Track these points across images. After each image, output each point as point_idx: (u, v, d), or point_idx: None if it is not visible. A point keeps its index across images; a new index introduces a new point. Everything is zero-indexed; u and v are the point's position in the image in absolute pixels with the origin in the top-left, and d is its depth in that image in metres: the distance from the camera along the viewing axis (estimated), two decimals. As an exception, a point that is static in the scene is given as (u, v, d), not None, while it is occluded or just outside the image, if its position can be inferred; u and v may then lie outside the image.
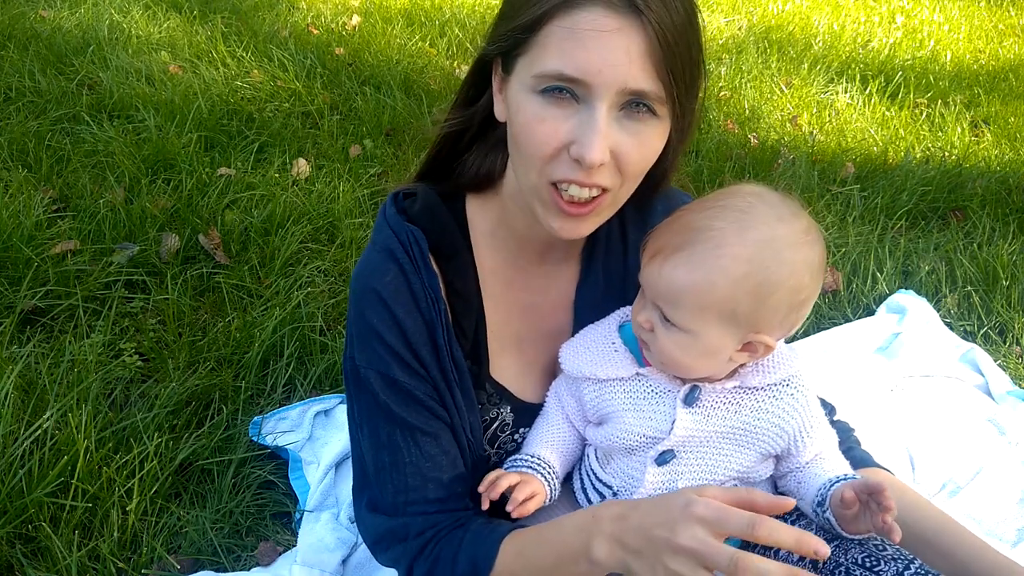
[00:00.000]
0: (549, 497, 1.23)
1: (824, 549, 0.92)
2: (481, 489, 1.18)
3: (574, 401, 1.25)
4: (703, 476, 1.17)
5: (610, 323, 1.26)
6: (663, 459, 1.16)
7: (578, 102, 1.02)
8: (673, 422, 1.15)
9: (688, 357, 1.12)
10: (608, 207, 1.12)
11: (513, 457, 1.27)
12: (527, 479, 1.20)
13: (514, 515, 1.16)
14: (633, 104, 1.03)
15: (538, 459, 1.24)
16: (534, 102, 1.04)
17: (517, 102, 1.06)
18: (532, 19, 1.02)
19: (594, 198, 1.07)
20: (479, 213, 1.27)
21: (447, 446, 1.23)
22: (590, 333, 1.26)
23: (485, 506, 1.19)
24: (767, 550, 1.23)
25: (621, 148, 1.04)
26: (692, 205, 1.15)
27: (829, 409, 1.35)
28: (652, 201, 1.27)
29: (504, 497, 1.18)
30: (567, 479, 1.31)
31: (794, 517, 1.24)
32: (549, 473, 1.23)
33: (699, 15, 1.07)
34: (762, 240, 1.06)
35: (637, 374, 1.19)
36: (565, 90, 1.02)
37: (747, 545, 1.23)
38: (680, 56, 1.02)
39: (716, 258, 1.06)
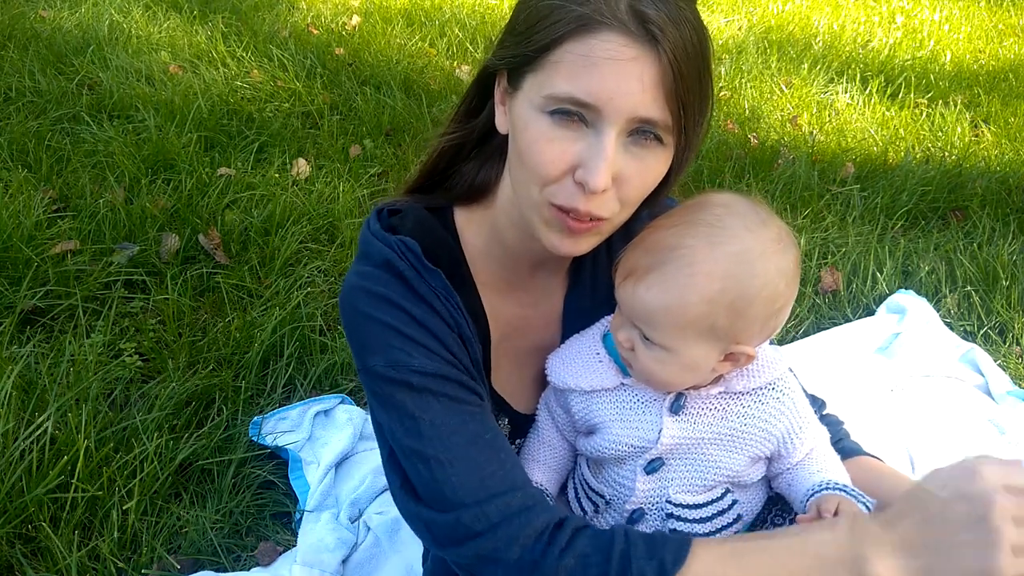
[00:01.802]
0: None
1: None
2: None
3: (563, 412, 1.25)
4: (693, 482, 1.17)
5: (594, 333, 1.25)
6: (652, 467, 1.17)
7: (587, 126, 1.02)
8: (660, 431, 1.15)
9: (670, 373, 1.12)
10: (607, 229, 1.12)
11: None
12: None
13: None
14: (641, 131, 1.03)
15: None
16: (543, 122, 1.03)
17: (524, 119, 1.06)
18: (546, 40, 1.01)
19: (591, 220, 1.08)
20: (469, 227, 1.26)
21: (495, 425, 1.14)
22: (575, 344, 1.25)
23: None
24: (783, 517, 1.25)
25: (624, 173, 1.04)
26: (661, 221, 1.14)
27: (819, 404, 1.35)
28: (639, 212, 1.26)
29: None
30: (563, 489, 1.31)
31: (792, 516, 1.24)
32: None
33: (710, 45, 1.07)
34: (733, 254, 1.06)
35: (622, 384, 1.18)
36: (575, 113, 1.02)
37: (757, 524, 1.25)
38: (691, 86, 1.02)
39: (688, 277, 1.06)
